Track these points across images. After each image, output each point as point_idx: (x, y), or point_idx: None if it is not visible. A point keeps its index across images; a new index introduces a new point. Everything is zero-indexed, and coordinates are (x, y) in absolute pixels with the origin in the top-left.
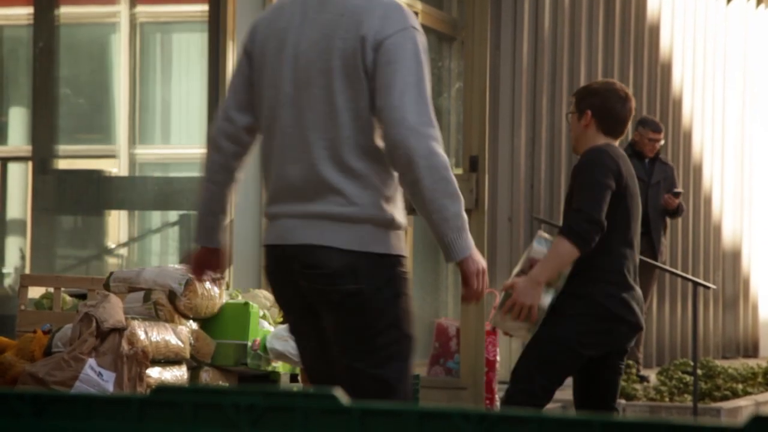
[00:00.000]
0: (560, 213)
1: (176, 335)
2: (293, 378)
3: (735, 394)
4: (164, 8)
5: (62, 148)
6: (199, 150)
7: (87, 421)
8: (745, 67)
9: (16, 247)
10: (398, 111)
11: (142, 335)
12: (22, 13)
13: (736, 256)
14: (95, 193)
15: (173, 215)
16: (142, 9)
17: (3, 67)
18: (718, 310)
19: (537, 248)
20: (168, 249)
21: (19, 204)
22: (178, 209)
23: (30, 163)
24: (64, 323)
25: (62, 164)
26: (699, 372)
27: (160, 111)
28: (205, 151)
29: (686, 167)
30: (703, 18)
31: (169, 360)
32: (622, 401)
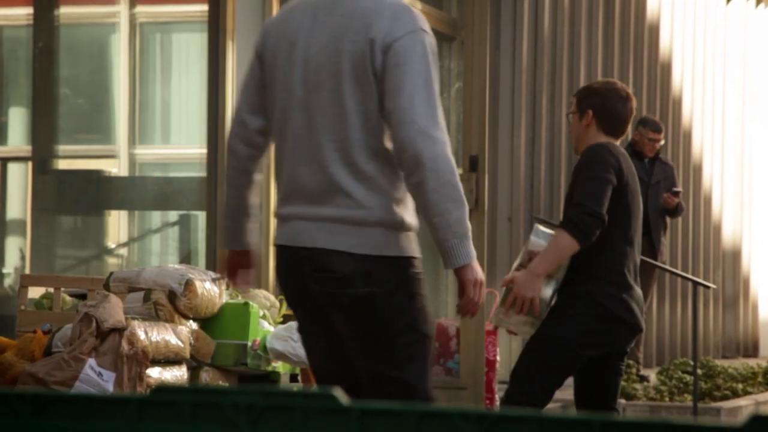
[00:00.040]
0: (560, 213)
1: (176, 335)
2: (293, 378)
3: (735, 394)
4: (164, 8)
5: (62, 148)
6: (199, 150)
7: (86, 421)
8: (745, 66)
9: (16, 247)
10: (407, 113)
11: (142, 335)
12: (22, 13)
13: (736, 255)
14: (95, 194)
15: (173, 215)
16: (141, 9)
17: (3, 67)
18: (718, 310)
19: (535, 241)
20: (168, 249)
21: (18, 204)
22: (178, 209)
23: (30, 163)
24: (64, 323)
25: (62, 164)
26: (699, 372)
27: (160, 111)
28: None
29: (686, 167)
30: (703, 18)
31: (169, 360)
32: (622, 401)
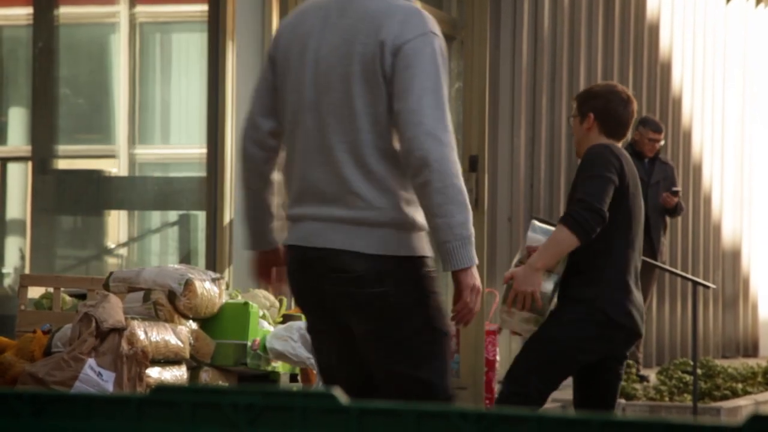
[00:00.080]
0: (560, 213)
1: (176, 335)
2: (293, 378)
3: (735, 394)
4: (164, 8)
5: (62, 148)
6: (199, 150)
7: (86, 420)
8: (745, 66)
9: (16, 247)
10: (416, 115)
11: (141, 335)
12: (22, 13)
13: (735, 255)
14: (95, 193)
15: (173, 215)
16: (141, 9)
17: (3, 67)
18: (717, 310)
19: (532, 236)
20: (168, 249)
21: (18, 204)
22: (177, 209)
23: (30, 163)
24: (64, 323)
25: (62, 164)
26: (699, 371)
27: (160, 111)
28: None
29: (686, 167)
30: (703, 17)
31: (168, 360)
32: (622, 401)
